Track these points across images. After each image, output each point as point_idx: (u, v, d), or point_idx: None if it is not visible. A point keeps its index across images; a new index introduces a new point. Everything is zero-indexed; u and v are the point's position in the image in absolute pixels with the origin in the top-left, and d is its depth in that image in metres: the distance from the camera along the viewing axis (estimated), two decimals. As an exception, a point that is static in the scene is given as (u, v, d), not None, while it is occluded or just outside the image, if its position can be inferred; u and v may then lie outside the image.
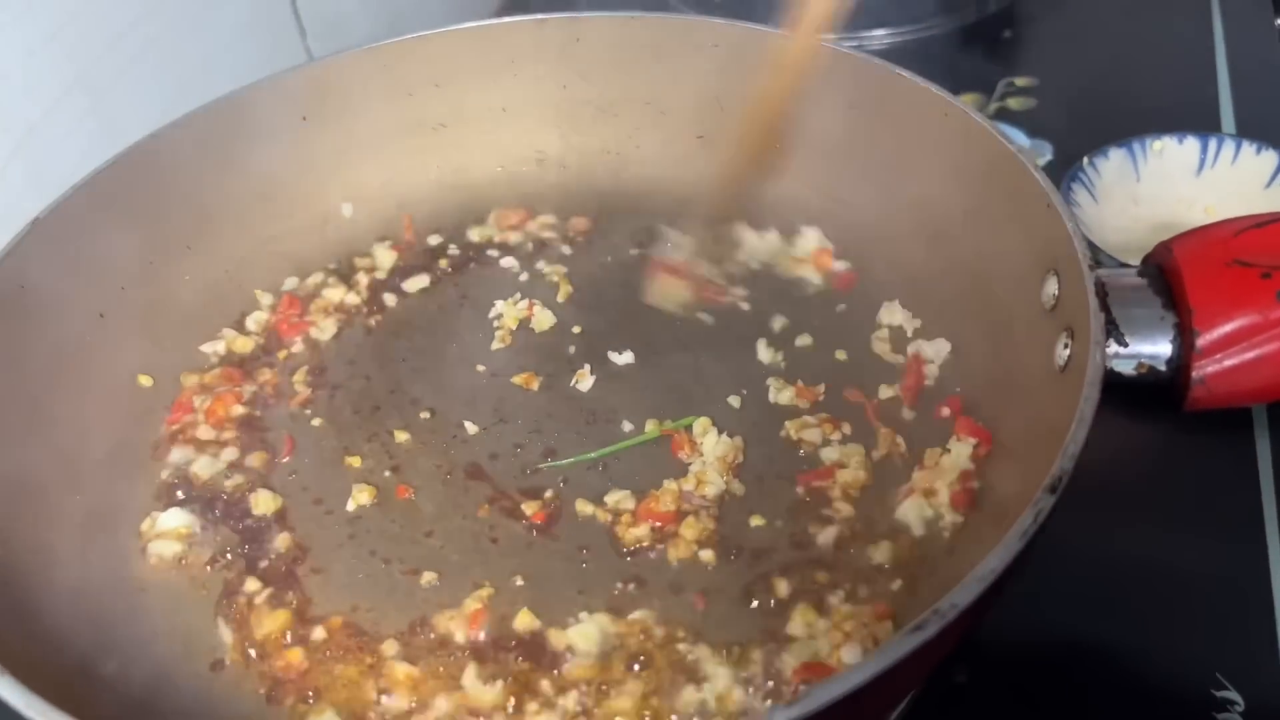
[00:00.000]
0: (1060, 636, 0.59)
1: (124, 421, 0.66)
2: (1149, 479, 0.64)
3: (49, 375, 0.62)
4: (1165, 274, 0.53)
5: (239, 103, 0.74)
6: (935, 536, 0.57)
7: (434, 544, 0.60)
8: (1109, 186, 0.83)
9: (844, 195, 0.75)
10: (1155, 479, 0.64)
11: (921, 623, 0.39)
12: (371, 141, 0.80)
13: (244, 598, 0.58)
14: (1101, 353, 0.48)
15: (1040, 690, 0.57)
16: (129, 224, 0.69)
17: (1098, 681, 0.58)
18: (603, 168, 0.83)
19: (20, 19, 0.71)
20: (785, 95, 0.62)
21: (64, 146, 0.75)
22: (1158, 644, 0.59)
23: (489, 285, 0.76)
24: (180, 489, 0.63)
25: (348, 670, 0.54)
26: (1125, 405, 0.49)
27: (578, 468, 0.63)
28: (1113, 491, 0.57)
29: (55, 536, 0.58)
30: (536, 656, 0.54)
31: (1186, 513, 0.63)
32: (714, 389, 0.67)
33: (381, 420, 0.67)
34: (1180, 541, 0.62)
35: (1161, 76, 1.02)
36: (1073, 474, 0.44)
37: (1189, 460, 0.65)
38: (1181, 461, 0.65)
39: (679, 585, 0.56)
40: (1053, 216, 0.56)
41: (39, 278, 0.63)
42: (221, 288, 0.74)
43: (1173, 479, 0.65)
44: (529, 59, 0.80)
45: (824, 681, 0.38)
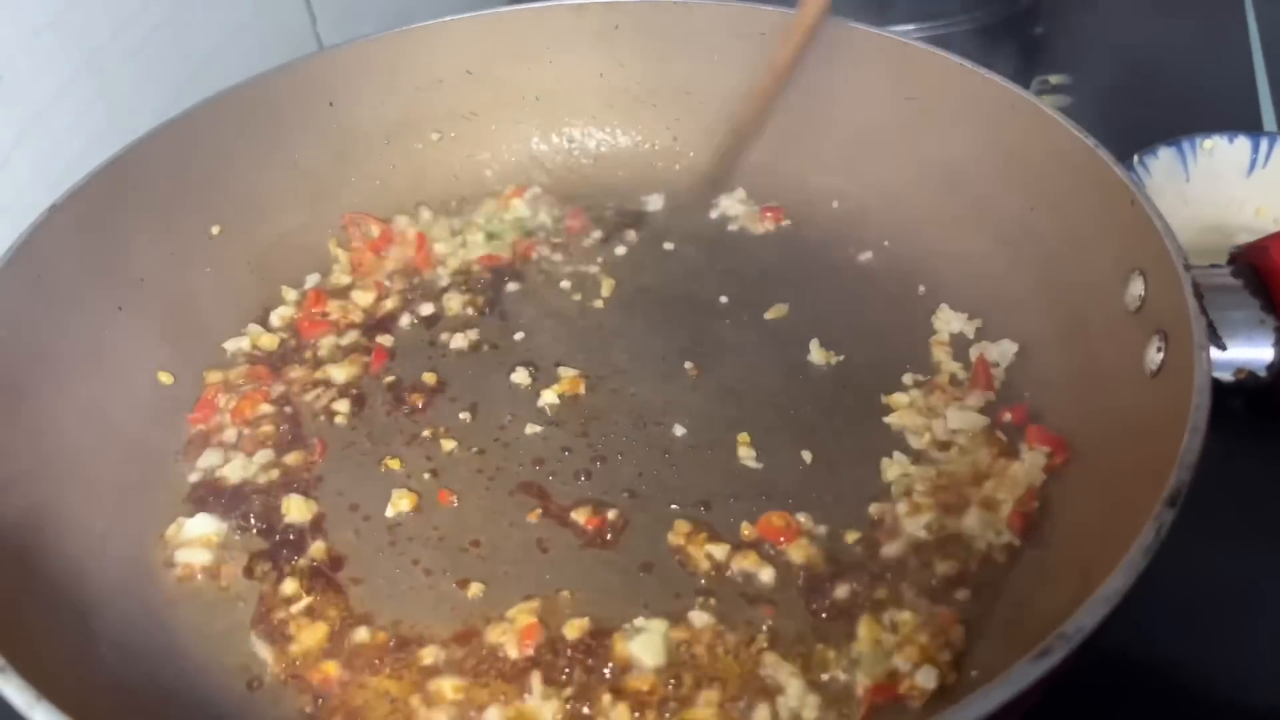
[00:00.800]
0: (1138, 652, 0.57)
1: (144, 422, 0.62)
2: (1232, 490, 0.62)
3: (66, 371, 0.59)
4: (1261, 274, 0.51)
5: (263, 87, 0.71)
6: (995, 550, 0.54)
7: (480, 553, 0.56)
8: (1159, 186, 0.81)
9: (898, 191, 0.72)
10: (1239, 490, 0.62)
11: (1046, 648, 0.37)
12: (401, 128, 0.77)
13: (280, 610, 0.54)
14: (1206, 357, 0.46)
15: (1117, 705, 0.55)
16: (148, 213, 0.66)
17: (1176, 697, 0.55)
18: (639, 159, 0.80)
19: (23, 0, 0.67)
20: (786, 71, 0.67)
21: (71, 133, 0.72)
22: (1234, 658, 0.56)
23: (527, 279, 0.73)
24: (208, 494, 0.60)
25: (391, 685, 0.51)
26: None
27: (632, 476, 0.60)
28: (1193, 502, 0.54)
29: (74, 545, 0.54)
30: (598, 669, 0.51)
31: (1269, 524, 0.61)
32: (762, 390, 0.64)
33: (419, 421, 0.64)
34: (1263, 553, 0.59)
35: (1197, 72, 1.00)
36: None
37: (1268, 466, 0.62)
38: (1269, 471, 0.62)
39: (748, 596, 0.53)
40: (1138, 214, 0.54)
41: (56, 268, 0.60)
42: (244, 281, 0.71)
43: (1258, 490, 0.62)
44: (565, 46, 0.77)
45: (950, 710, 0.35)
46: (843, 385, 0.64)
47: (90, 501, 0.56)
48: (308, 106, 0.73)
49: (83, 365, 0.60)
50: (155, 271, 0.66)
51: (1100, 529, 0.49)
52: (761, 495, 0.58)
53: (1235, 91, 0.97)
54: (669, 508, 0.58)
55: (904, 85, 0.69)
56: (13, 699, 0.38)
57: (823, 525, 0.56)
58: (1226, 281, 0.51)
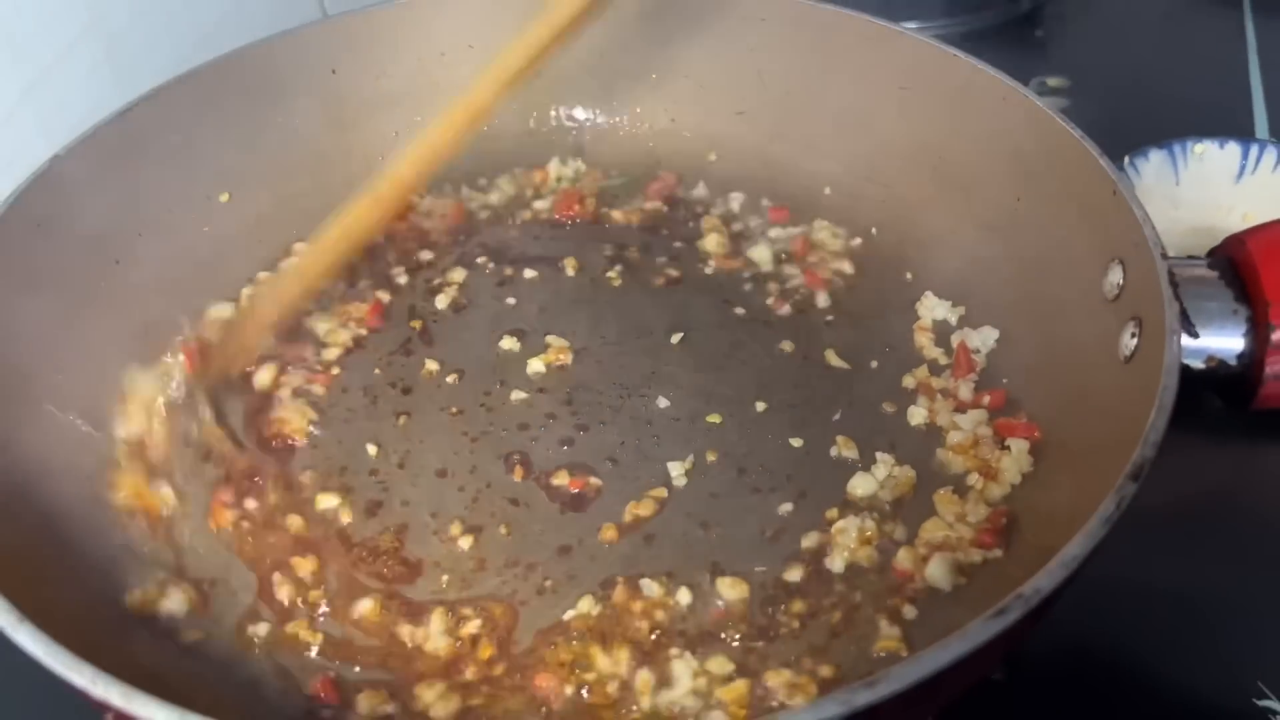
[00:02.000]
0: (1102, 641, 0.58)
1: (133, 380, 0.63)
2: (1193, 481, 0.63)
3: (60, 319, 0.60)
4: (1237, 267, 0.52)
5: (268, 52, 0.72)
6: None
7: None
8: (1148, 188, 0.82)
9: (889, 178, 0.73)
10: (1200, 481, 0.63)
11: (1003, 608, 0.38)
12: (401, 99, 0.78)
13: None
14: (1177, 341, 0.47)
15: (1079, 695, 0.56)
16: (150, 169, 0.67)
17: (1139, 686, 0.56)
18: (636, 140, 0.81)
19: (34, -41, 0.69)
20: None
21: (77, 92, 0.73)
22: (1200, 651, 0.57)
23: (517, 249, 0.74)
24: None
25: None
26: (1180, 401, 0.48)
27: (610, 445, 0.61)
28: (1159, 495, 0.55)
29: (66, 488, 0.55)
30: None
31: (1232, 517, 0.62)
32: (750, 363, 0.65)
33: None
34: (1225, 546, 0.60)
35: (1194, 78, 1.01)
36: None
37: (1239, 462, 0.64)
38: (1230, 463, 0.64)
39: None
40: (1119, 204, 0.55)
41: (55, 217, 0.61)
42: (242, 241, 0.72)
43: (1218, 481, 0.64)
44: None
45: (902, 665, 0.36)
46: (825, 367, 0.65)
47: (73, 437, 0.58)
48: (311, 74, 0.74)
49: (78, 315, 0.61)
50: (153, 227, 0.66)
51: (1070, 511, 0.50)
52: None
53: (1231, 99, 0.98)
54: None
55: (897, 74, 0.70)
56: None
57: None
58: (1202, 273, 0.53)
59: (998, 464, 0.57)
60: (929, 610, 0.52)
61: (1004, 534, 0.54)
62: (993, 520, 0.54)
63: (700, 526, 0.57)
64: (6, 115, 0.69)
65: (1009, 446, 0.58)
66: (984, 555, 0.53)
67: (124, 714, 0.36)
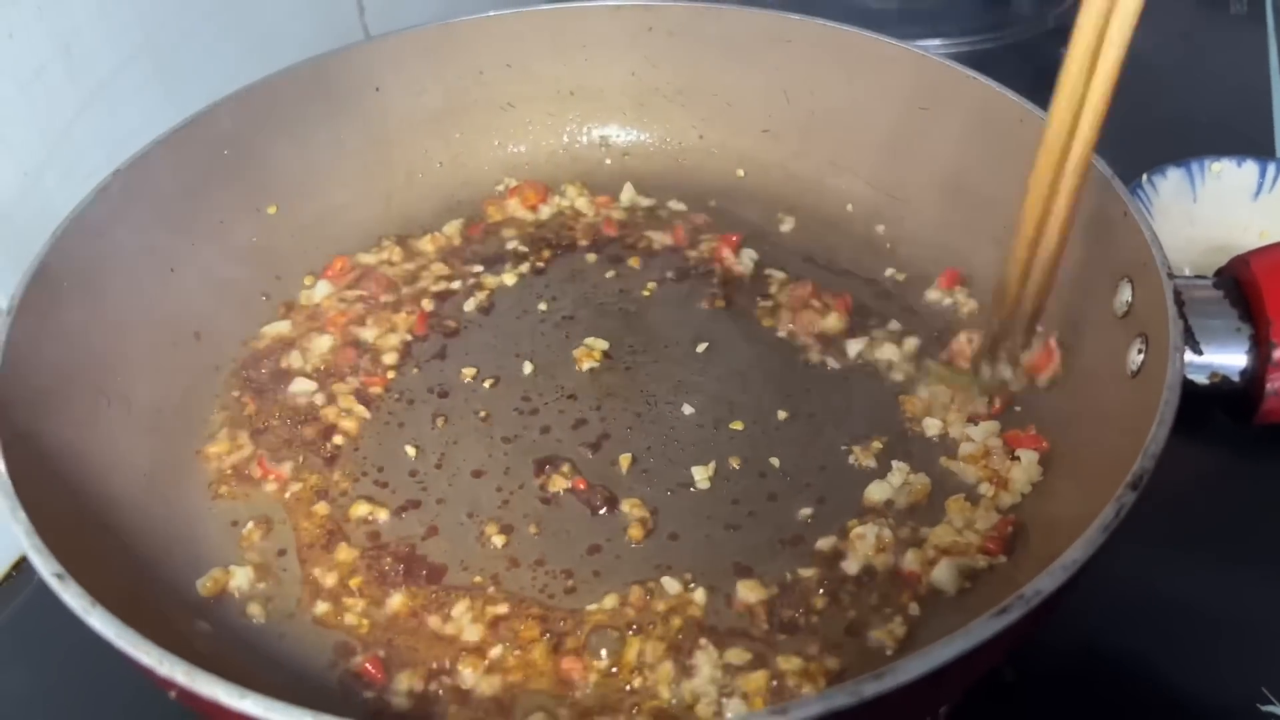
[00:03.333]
0: (1109, 646, 0.60)
1: (188, 377, 0.67)
2: (1202, 493, 0.65)
3: (121, 325, 0.63)
4: (1242, 286, 0.54)
5: (316, 70, 0.75)
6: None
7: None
8: (1166, 205, 0.83)
9: (909, 196, 0.75)
10: (1208, 493, 0.65)
11: (1005, 607, 0.40)
12: (440, 116, 0.81)
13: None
14: (1180, 358, 0.49)
15: (1087, 698, 0.58)
16: (203, 182, 0.71)
17: (1145, 691, 0.58)
18: (666, 156, 0.84)
19: (94, -22, 0.72)
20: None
21: (130, 106, 0.76)
22: (1205, 657, 0.59)
23: (551, 260, 0.77)
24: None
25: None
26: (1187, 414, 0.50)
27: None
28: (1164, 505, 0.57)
29: (119, 475, 0.58)
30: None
31: (1238, 527, 0.64)
32: (772, 374, 0.68)
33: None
34: (1231, 555, 0.62)
35: (1214, 98, 1.02)
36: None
37: (1245, 475, 0.65)
38: (1237, 476, 0.66)
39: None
40: (1129, 225, 0.57)
41: (116, 226, 0.64)
42: (286, 251, 0.75)
43: (1226, 494, 0.65)
44: (601, 44, 0.81)
45: (908, 659, 0.38)
46: (844, 379, 0.68)
47: (134, 433, 0.61)
48: (356, 91, 0.78)
49: (138, 320, 0.64)
50: (205, 237, 0.70)
51: (1074, 519, 0.52)
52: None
53: (1251, 117, 0.99)
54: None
55: (918, 95, 0.72)
56: (71, 603, 0.42)
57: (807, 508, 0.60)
58: (1208, 292, 0.54)
59: (1008, 474, 0.59)
60: (934, 612, 0.55)
61: (1010, 542, 0.57)
62: (999, 528, 0.57)
63: (723, 528, 0.59)
64: (65, 128, 0.73)
65: (1019, 457, 0.60)
66: (989, 561, 0.56)
67: (187, 691, 0.39)
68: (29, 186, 0.69)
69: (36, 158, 0.69)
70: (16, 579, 0.69)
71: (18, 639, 0.65)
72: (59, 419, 0.56)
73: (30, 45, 0.68)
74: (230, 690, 0.38)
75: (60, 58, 0.71)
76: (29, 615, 0.66)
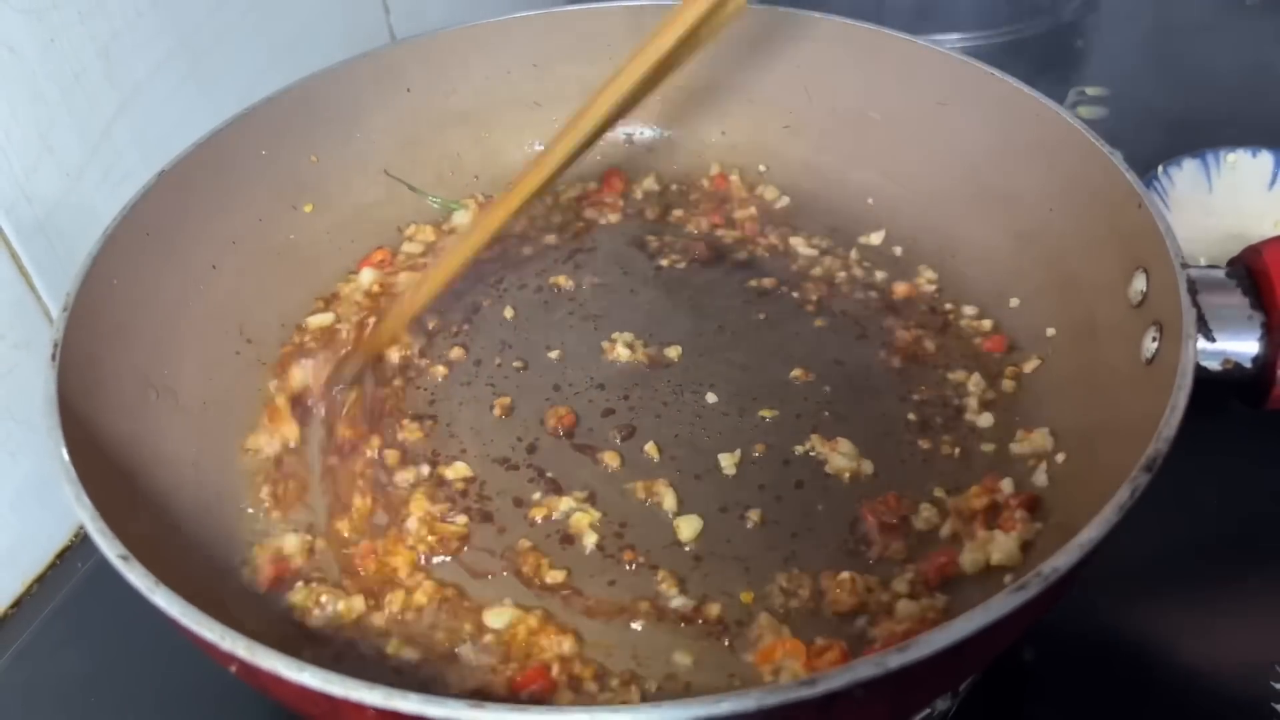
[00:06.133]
0: (1125, 625, 0.62)
1: (232, 370, 0.69)
2: (1216, 474, 0.66)
3: (169, 319, 0.66)
4: (1254, 275, 0.55)
5: (349, 72, 0.78)
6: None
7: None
8: (1181, 196, 0.85)
9: (929, 189, 0.77)
10: (1222, 474, 0.67)
11: (1023, 584, 0.42)
12: (469, 116, 0.83)
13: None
14: (1194, 345, 0.51)
15: (1102, 673, 0.60)
16: (242, 182, 0.73)
17: (1160, 669, 0.60)
18: (690, 152, 0.86)
19: (131, -19, 0.74)
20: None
21: (166, 107, 0.79)
22: (1219, 635, 0.61)
23: (583, 258, 0.80)
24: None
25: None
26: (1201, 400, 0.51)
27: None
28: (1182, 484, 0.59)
29: (168, 468, 0.60)
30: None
31: (1250, 505, 0.65)
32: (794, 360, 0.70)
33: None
34: (1244, 534, 0.64)
35: (1232, 89, 1.03)
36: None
37: (1258, 457, 0.67)
38: (1251, 458, 0.67)
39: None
40: (1144, 216, 0.58)
41: (163, 225, 0.66)
42: (322, 247, 0.77)
43: (1240, 474, 0.67)
44: (624, 43, 0.81)
45: (930, 633, 0.40)
46: (867, 366, 0.70)
47: (182, 424, 0.63)
48: (387, 92, 0.80)
49: (183, 316, 0.67)
50: (245, 236, 0.72)
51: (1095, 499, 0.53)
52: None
53: (1269, 114, 1.00)
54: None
55: (936, 91, 0.74)
56: (136, 584, 0.44)
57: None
58: (1221, 281, 0.56)
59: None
60: (959, 589, 0.57)
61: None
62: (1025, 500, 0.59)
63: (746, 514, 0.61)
64: (105, 129, 0.75)
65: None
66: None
67: (248, 665, 0.41)
68: (70, 187, 0.71)
69: (78, 159, 0.71)
70: (61, 566, 0.72)
71: (69, 622, 0.68)
72: (113, 411, 0.58)
73: (72, 49, 0.70)
74: (289, 664, 0.40)
75: (100, 61, 0.73)
76: (79, 600, 0.69)
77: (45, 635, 0.67)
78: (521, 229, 0.81)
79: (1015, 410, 0.65)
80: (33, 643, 0.67)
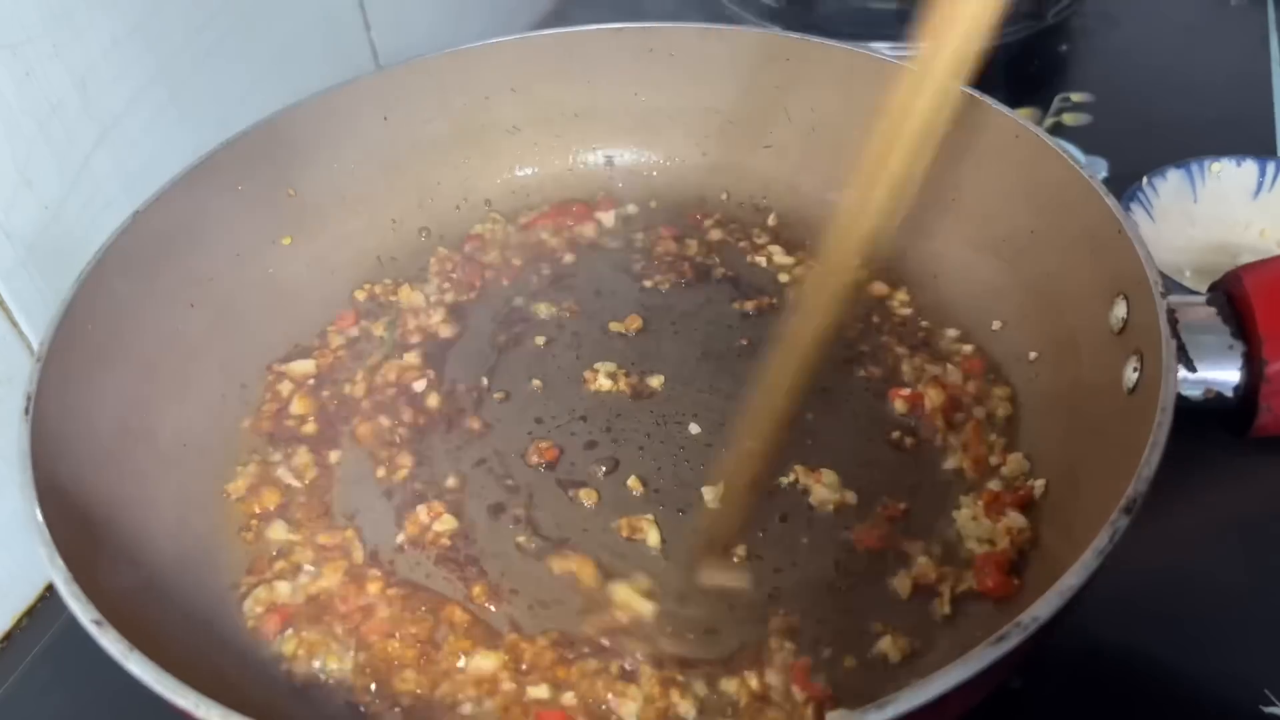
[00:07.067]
0: (1113, 650, 0.61)
1: (213, 412, 0.69)
2: (1204, 497, 0.66)
3: (150, 358, 0.65)
4: (1234, 302, 0.55)
5: (325, 102, 0.77)
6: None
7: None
8: (1166, 207, 0.84)
9: (909, 211, 0.76)
10: (1210, 498, 0.66)
11: (1003, 635, 0.41)
12: (448, 142, 0.83)
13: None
14: (1174, 378, 0.50)
15: (1092, 700, 0.59)
16: (219, 218, 0.72)
17: (1149, 694, 0.59)
18: (671, 175, 0.85)
19: (108, 10, 0.73)
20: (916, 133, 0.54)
21: (146, 136, 0.78)
22: (1208, 660, 0.60)
23: (564, 285, 0.79)
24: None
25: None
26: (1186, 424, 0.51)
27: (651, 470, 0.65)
28: (1168, 508, 0.59)
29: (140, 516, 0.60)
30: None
31: (1240, 531, 0.65)
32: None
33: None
34: (1233, 559, 0.63)
35: (1217, 96, 1.03)
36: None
37: (1246, 481, 0.67)
38: (1238, 482, 0.67)
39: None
40: (1124, 242, 0.58)
41: (138, 266, 0.66)
42: (301, 280, 0.77)
43: (1229, 499, 0.67)
44: (604, 66, 0.82)
45: (911, 688, 0.40)
46: (849, 393, 0.69)
47: (161, 469, 0.63)
48: (365, 121, 0.79)
49: (159, 357, 0.66)
50: (223, 272, 0.72)
51: (1080, 531, 0.53)
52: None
53: (1254, 116, 1.00)
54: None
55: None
56: (110, 650, 0.44)
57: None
58: (1201, 309, 0.56)
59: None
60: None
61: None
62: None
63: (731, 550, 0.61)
64: (83, 161, 0.74)
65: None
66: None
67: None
68: (50, 220, 0.71)
69: (56, 192, 0.71)
70: (51, 598, 0.71)
71: (57, 660, 0.67)
72: (87, 459, 0.57)
73: (48, 82, 0.69)
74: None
75: (77, 92, 0.72)
76: (64, 640, 0.68)
77: (33, 673, 0.66)
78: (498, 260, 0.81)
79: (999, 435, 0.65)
80: (21, 680, 0.66)
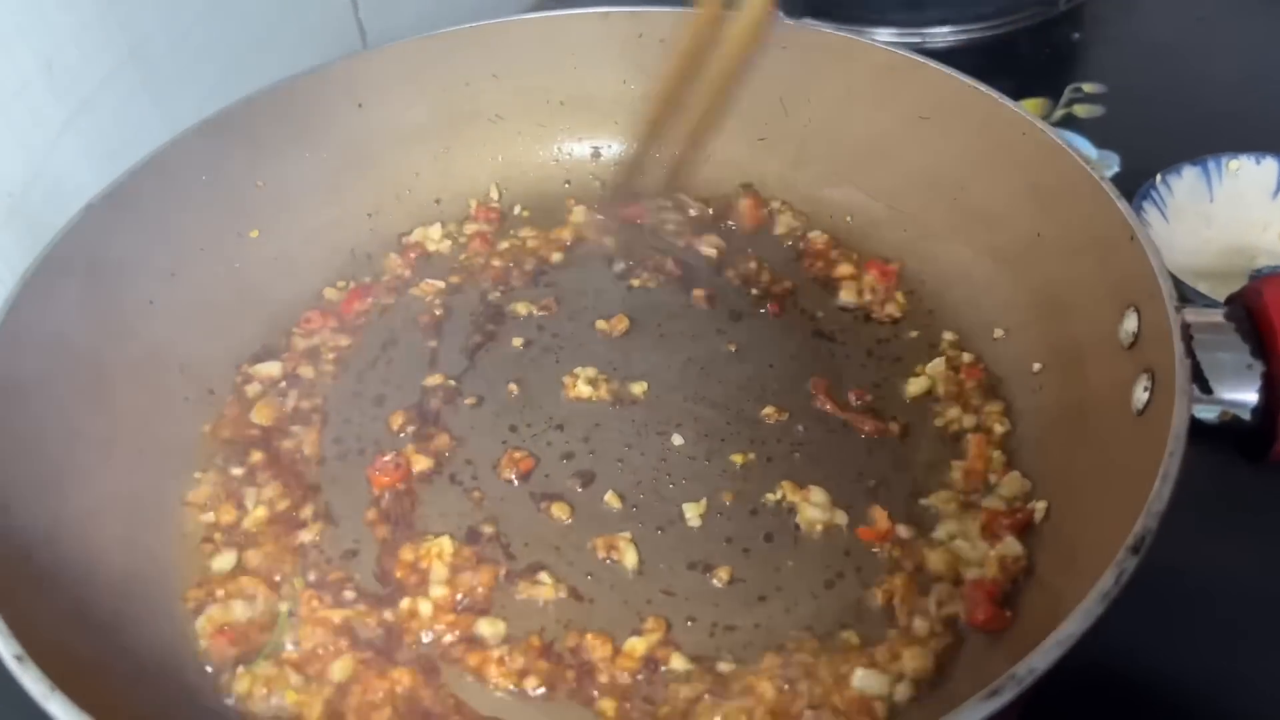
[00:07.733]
0: (1123, 667, 0.58)
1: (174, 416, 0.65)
2: (1219, 512, 0.62)
3: (103, 360, 0.62)
4: (1253, 317, 0.51)
5: (295, 88, 0.73)
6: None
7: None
8: (1181, 206, 0.80)
9: (910, 208, 0.73)
10: (1225, 513, 0.63)
11: (997, 688, 0.38)
12: (427, 131, 0.79)
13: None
14: (1188, 404, 0.47)
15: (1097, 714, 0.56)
16: (181, 210, 0.69)
17: (1159, 706, 0.56)
18: (660, 166, 0.81)
19: (76, -13, 0.70)
20: (733, 71, 0.62)
21: (117, 120, 0.75)
22: (1220, 678, 0.57)
23: (547, 283, 0.76)
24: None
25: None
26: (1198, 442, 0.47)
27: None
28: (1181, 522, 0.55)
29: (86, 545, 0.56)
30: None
31: (1253, 547, 0.62)
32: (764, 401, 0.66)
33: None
34: (1247, 577, 0.60)
35: (1236, 89, 0.98)
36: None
37: (1262, 499, 0.63)
38: (1255, 500, 0.63)
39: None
40: (1135, 250, 0.54)
41: (92, 261, 0.63)
42: (269, 274, 0.73)
43: (1244, 515, 0.63)
44: (590, 52, 0.79)
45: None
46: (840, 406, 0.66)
47: (114, 478, 0.59)
48: (337, 109, 0.75)
49: (116, 360, 0.62)
50: (186, 267, 0.68)
51: (1074, 567, 0.50)
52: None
53: (1274, 111, 0.95)
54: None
55: (918, 104, 0.70)
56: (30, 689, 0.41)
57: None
58: (1218, 325, 0.51)
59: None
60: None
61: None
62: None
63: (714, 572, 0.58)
64: (50, 145, 0.71)
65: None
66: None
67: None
68: (14, 208, 0.68)
69: (20, 178, 0.68)
70: None
71: None
72: (28, 470, 0.54)
73: (11, 64, 0.67)
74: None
75: (42, 75, 0.69)
76: None
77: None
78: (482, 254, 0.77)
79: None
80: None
